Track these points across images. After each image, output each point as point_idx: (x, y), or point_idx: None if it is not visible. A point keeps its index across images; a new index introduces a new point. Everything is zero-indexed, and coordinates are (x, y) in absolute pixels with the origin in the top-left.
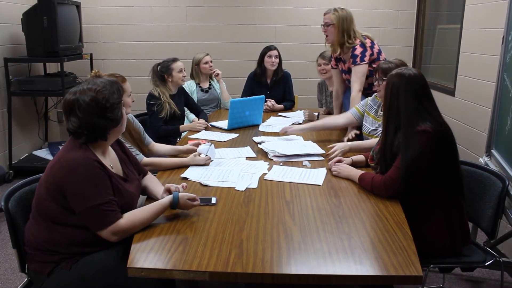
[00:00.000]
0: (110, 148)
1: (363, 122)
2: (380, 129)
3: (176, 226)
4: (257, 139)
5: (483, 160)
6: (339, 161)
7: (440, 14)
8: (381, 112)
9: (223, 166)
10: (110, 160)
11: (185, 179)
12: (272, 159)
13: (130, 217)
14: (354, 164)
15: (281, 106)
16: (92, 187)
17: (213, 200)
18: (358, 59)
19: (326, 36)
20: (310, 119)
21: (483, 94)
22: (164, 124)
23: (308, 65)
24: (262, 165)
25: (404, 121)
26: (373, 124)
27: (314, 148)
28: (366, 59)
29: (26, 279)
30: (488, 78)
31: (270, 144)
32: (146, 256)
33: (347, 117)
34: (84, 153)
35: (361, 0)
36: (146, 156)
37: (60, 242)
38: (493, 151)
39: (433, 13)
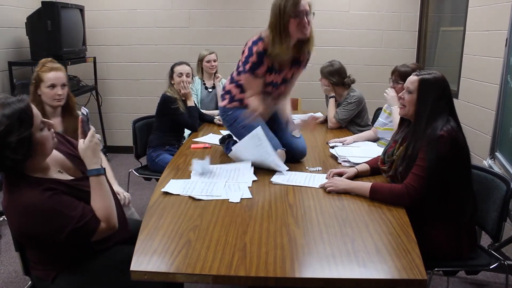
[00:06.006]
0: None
1: (379, 117)
2: (389, 122)
3: (179, 229)
4: (331, 143)
5: (487, 162)
6: (340, 174)
7: (443, 17)
8: (392, 108)
9: (207, 177)
10: (57, 164)
11: (167, 193)
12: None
13: (99, 214)
14: (359, 175)
15: None
16: (57, 218)
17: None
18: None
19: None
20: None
21: (487, 97)
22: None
23: (310, 68)
24: (248, 172)
25: (432, 124)
26: (387, 119)
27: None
28: None
29: (30, 282)
30: (491, 80)
31: (342, 150)
32: (149, 259)
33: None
34: (27, 191)
35: (364, 2)
36: None
37: (59, 257)
38: (497, 154)
39: (436, 15)
